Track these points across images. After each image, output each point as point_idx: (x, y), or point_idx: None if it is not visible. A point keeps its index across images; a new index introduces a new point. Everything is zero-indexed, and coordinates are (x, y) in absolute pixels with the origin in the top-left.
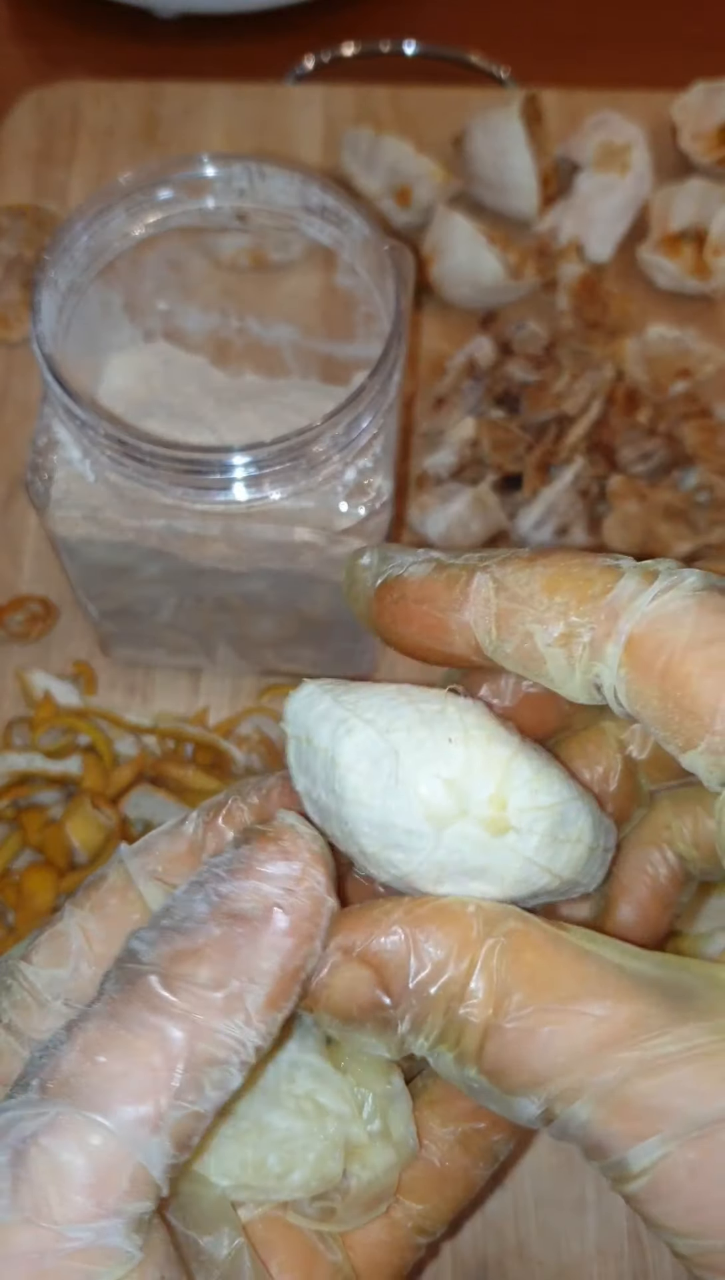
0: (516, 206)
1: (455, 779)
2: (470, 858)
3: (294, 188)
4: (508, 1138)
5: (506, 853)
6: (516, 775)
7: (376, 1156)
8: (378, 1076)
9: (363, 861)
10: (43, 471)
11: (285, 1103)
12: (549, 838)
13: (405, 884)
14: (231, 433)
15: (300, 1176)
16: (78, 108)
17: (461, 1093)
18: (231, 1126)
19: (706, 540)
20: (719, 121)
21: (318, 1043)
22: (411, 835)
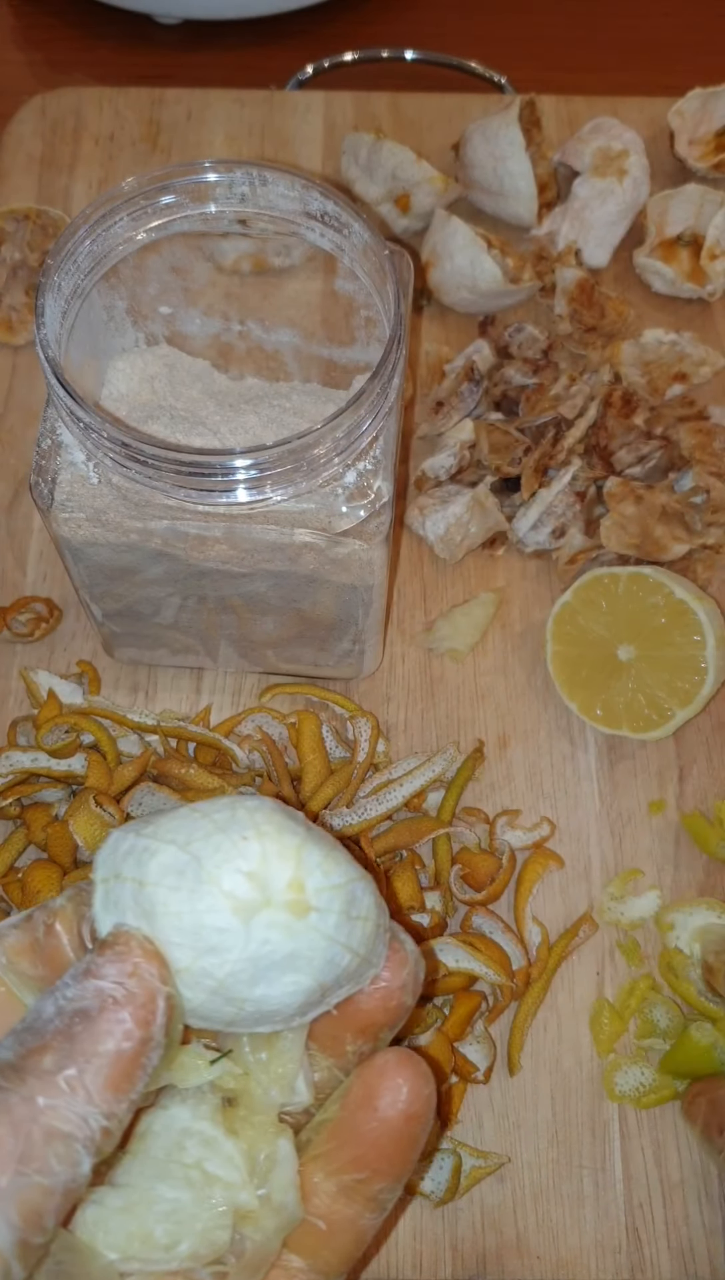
0: (515, 212)
1: (255, 870)
2: (279, 946)
3: (295, 193)
4: (392, 1185)
5: (311, 934)
6: (309, 859)
7: (266, 1219)
8: (267, 1139)
9: (181, 989)
10: (47, 474)
11: (174, 1173)
12: (344, 915)
13: (223, 995)
14: (233, 436)
15: (188, 1247)
16: (81, 113)
17: (347, 1143)
18: (120, 1199)
19: (702, 541)
20: (715, 127)
21: (212, 1110)
22: (222, 934)
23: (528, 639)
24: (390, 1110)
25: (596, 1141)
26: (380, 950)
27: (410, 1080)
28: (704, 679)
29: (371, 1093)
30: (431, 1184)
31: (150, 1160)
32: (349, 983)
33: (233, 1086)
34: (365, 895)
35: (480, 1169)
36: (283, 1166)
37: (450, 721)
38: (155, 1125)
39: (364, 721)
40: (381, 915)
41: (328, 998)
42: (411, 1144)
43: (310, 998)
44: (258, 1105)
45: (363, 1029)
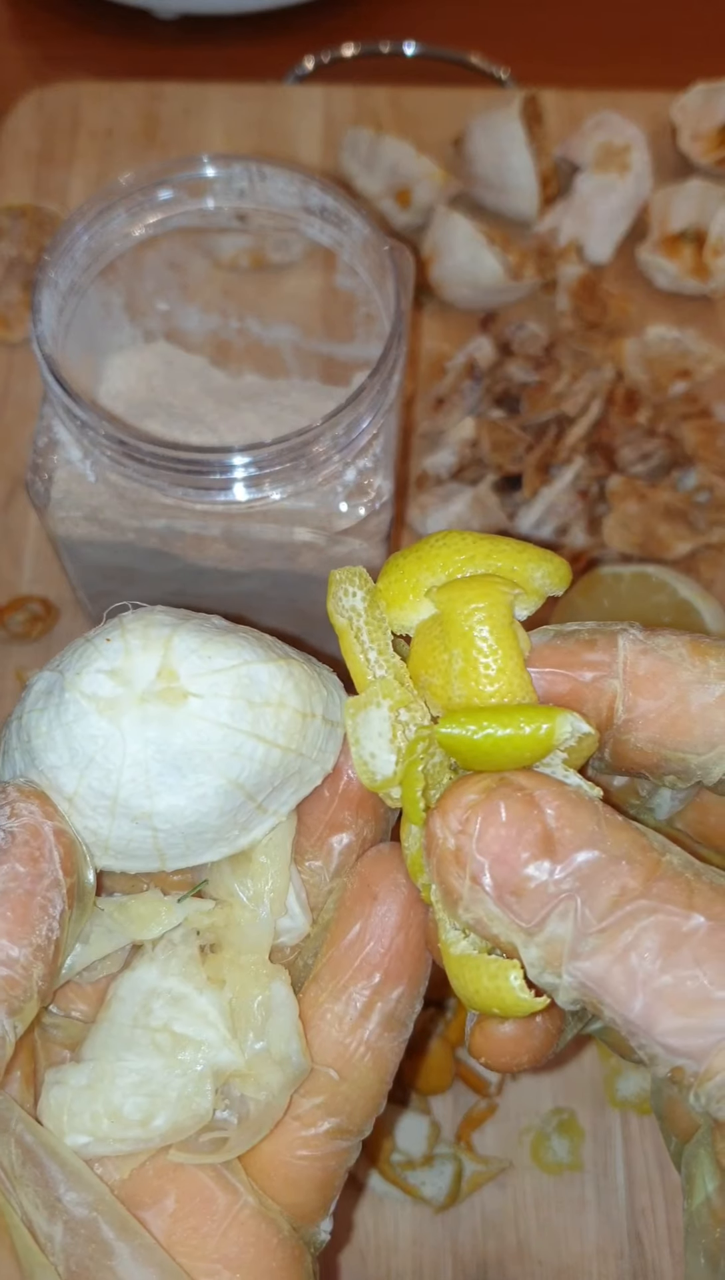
0: (516, 207)
1: (117, 668)
2: (165, 743)
3: (294, 188)
4: (408, 992)
5: (198, 723)
6: (181, 645)
7: (268, 1075)
8: (259, 984)
9: (80, 824)
10: (43, 472)
11: (139, 1040)
12: (241, 700)
13: (127, 815)
14: (232, 433)
15: (165, 1119)
16: (78, 108)
17: (350, 948)
18: (83, 1076)
19: (706, 540)
20: (718, 122)
21: (184, 963)
22: (96, 741)
23: None
24: (392, 895)
25: (598, 1146)
26: (319, 743)
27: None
28: None
29: (368, 883)
30: (432, 1190)
31: (115, 1029)
32: (288, 783)
33: (211, 926)
34: (275, 679)
35: (481, 1174)
36: (280, 1013)
37: None
38: (121, 990)
39: None
40: (313, 704)
41: (263, 801)
42: (422, 933)
43: (230, 800)
44: (245, 943)
45: (359, 803)
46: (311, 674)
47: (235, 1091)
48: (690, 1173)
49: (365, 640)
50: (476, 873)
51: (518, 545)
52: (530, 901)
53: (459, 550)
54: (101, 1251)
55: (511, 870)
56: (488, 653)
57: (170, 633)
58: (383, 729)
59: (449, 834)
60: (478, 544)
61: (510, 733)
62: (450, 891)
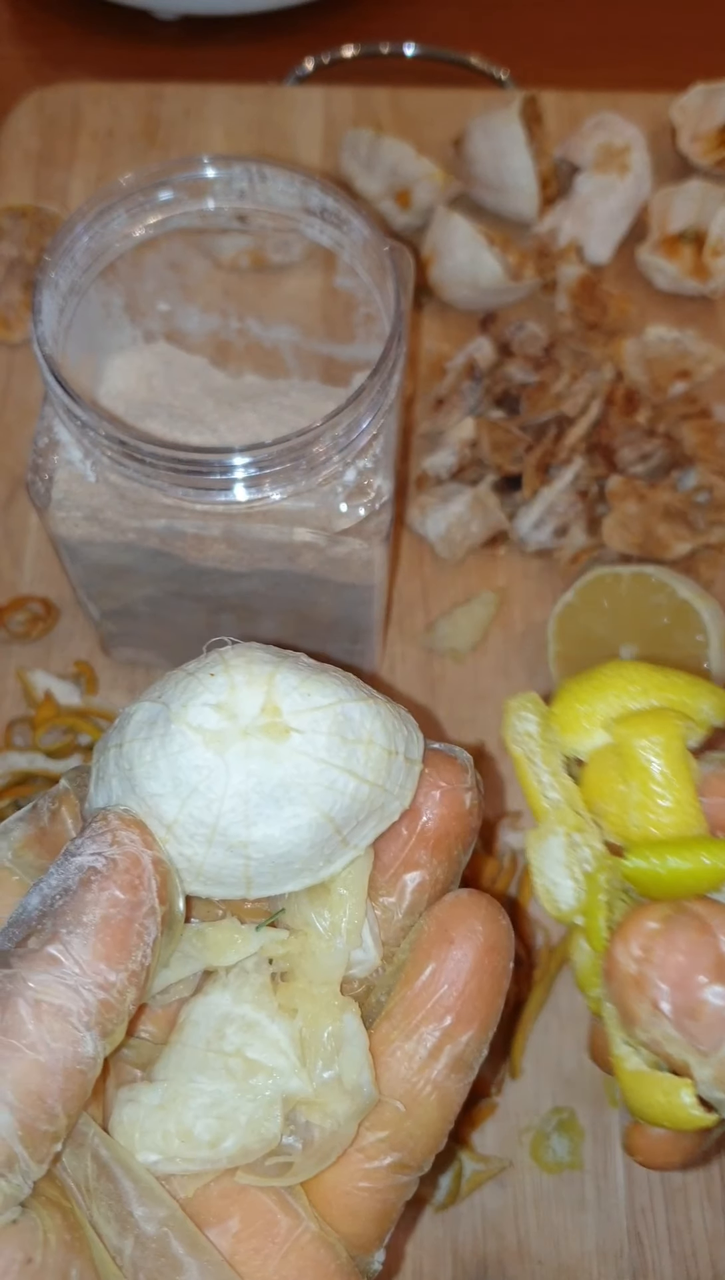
0: (516, 208)
1: (222, 701)
2: (265, 775)
3: (294, 189)
4: (477, 1036)
5: (298, 758)
6: (283, 683)
7: (336, 1104)
8: (330, 1014)
9: (175, 851)
10: (44, 472)
11: (212, 1065)
12: (337, 737)
13: (222, 844)
14: (232, 433)
15: (234, 1142)
16: (78, 109)
17: (423, 989)
18: (156, 1095)
19: (706, 540)
20: (718, 123)
21: (256, 990)
22: (199, 771)
23: (529, 639)
24: (469, 941)
25: (598, 1146)
26: (401, 780)
27: (485, 909)
28: (707, 679)
29: (445, 927)
30: (432, 1189)
31: (188, 1051)
32: (371, 818)
33: (285, 955)
34: (365, 718)
35: (481, 1173)
36: (352, 1044)
37: (451, 722)
38: (195, 1014)
39: None
40: (397, 742)
41: (348, 835)
42: (494, 980)
43: (320, 833)
44: (318, 973)
45: (436, 844)
46: (395, 713)
47: (301, 1118)
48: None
49: (539, 765)
50: (656, 998)
51: (687, 679)
52: (707, 1025)
53: (633, 681)
54: (171, 1266)
55: (689, 995)
56: (664, 785)
57: (272, 670)
58: (561, 856)
59: (630, 960)
60: (651, 676)
61: (691, 866)
62: (629, 1013)
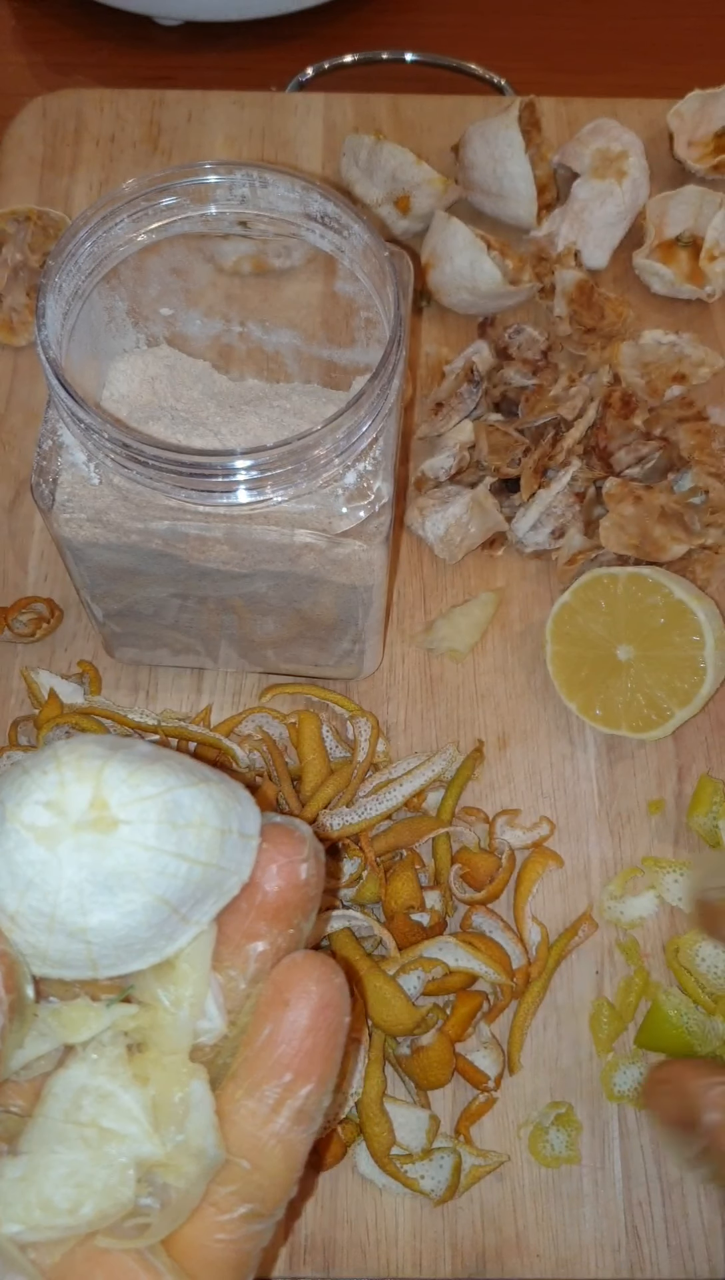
0: (514, 213)
1: (52, 800)
2: (97, 866)
3: (295, 195)
4: (317, 1090)
5: (127, 847)
6: (112, 776)
7: (187, 1165)
8: (179, 1081)
9: (20, 939)
10: (48, 475)
11: (70, 1134)
12: (167, 824)
13: (63, 931)
14: (234, 436)
15: (91, 1208)
16: (81, 115)
17: (263, 1049)
18: (18, 1169)
19: (701, 542)
20: (714, 129)
21: (111, 1062)
22: (34, 866)
23: (527, 639)
24: (302, 1002)
25: (596, 1140)
26: (237, 856)
27: (318, 969)
28: (703, 679)
29: (281, 989)
30: (431, 1182)
31: (49, 1123)
32: (209, 895)
33: (137, 1028)
34: (196, 802)
35: (480, 1168)
36: (198, 1109)
37: (450, 721)
38: (55, 1088)
39: (364, 721)
40: (230, 820)
41: (187, 914)
42: (330, 1037)
43: (156, 915)
44: (167, 1043)
45: (275, 914)
46: (228, 793)
47: (158, 1180)
48: None
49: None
50: None
51: None
52: None
53: None
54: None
55: None
56: None
57: (102, 764)
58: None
59: None
60: None
61: None
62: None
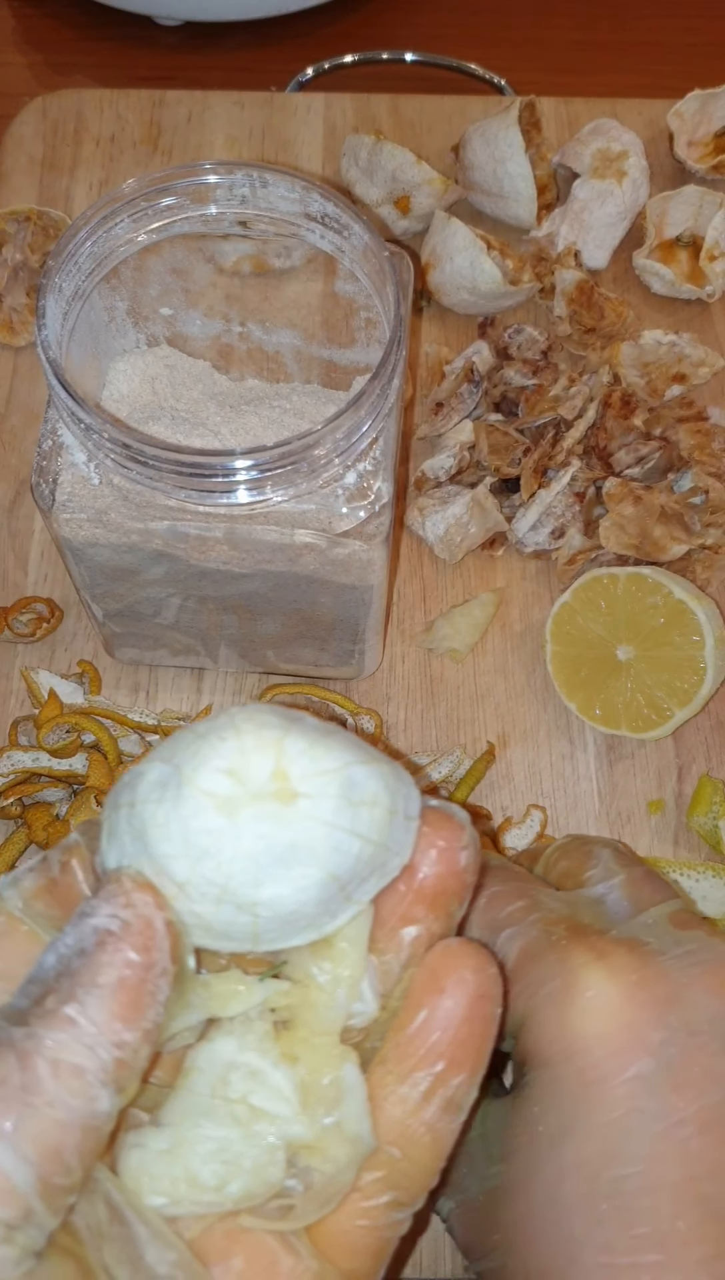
0: (514, 213)
1: (233, 766)
2: (275, 838)
3: (295, 195)
4: (468, 1079)
5: (306, 821)
6: (292, 747)
7: (336, 1149)
8: (330, 1063)
9: (184, 908)
10: (48, 475)
11: (218, 1110)
12: (343, 800)
13: (232, 902)
14: (234, 436)
15: (238, 1186)
16: (81, 114)
17: (416, 1036)
18: (164, 1140)
19: (701, 542)
20: (714, 129)
21: (260, 1038)
22: (210, 834)
23: (527, 639)
24: (459, 989)
25: None
26: (401, 838)
27: (475, 958)
28: (703, 679)
29: (437, 976)
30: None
31: (194, 1097)
32: (373, 875)
33: (287, 1005)
34: (369, 780)
35: None
36: (352, 1094)
37: (450, 721)
38: (200, 1060)
39: (367, 719)
40: (398, 801)
41: (352, 892)
42: (484, 1027)
43: (326, 891)
44: (319, 1023)
45: (433, 900)
46: (396, 774)
47: (301, 1162)
48: None
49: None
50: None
51: None
52: None
53: None
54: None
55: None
56: None
57: (281, 735)
58: None
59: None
60: None
61: None
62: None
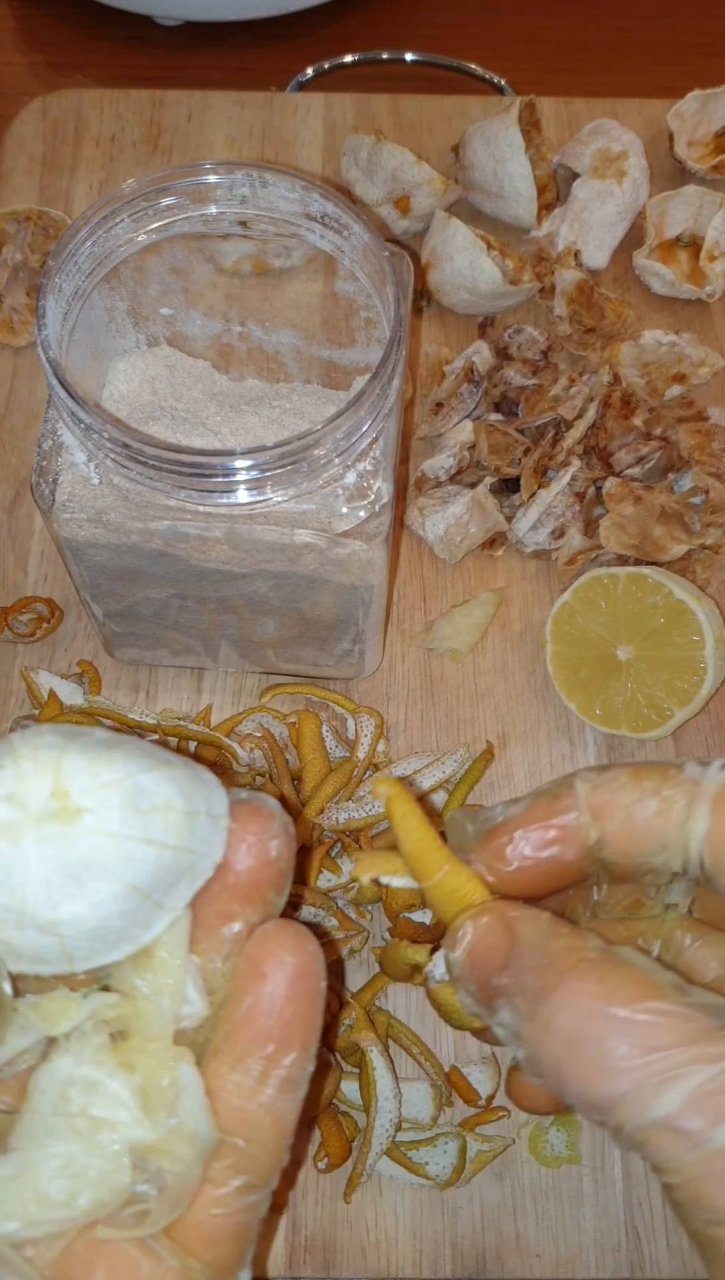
0: (514, 213)
1: (11, 793)
2: (63, 857)
3: (295, 195)
4: (300, 1056)
5: (92, 836)
6: (71, 765)
7: (180, 1148)
8: (166, 1066)
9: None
10: (48, 475)
11: (60, 1127)
12: (130, 809)
13: (34, 925)
14: (234, 436)
15: (88, 1198)
16: (82, 115)
17: (243, 1022)
18: (11, 1166)
19: (701, 542)
20: (714, 129)
21: (95, 1051)
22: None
23: (527, 639)
24: (279, 972)
25: (596, 1140)
26: (207, 838)
27: (292, 938)
28: (703, 679)
29: (256, 962)
30: (437, 1168)
31: (38, 1118)
32: (181, 879)
33: (118, 1016)
34: (159, 785)
35: (486, 1153)
36: (188, 1092)
37: (450, 721)
38: (41, 1081)
39: (367, 718)
40: (196, 802)
41: (160, 899)
42: (309, 1003)
43: (128, 903)
44: (150, 1030)
45: (248, 894)
46: (192, 775)
47: (152, 1165)
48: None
49: None
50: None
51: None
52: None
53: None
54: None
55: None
56: None
57: (59, 753)
58: None
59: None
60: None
61: None
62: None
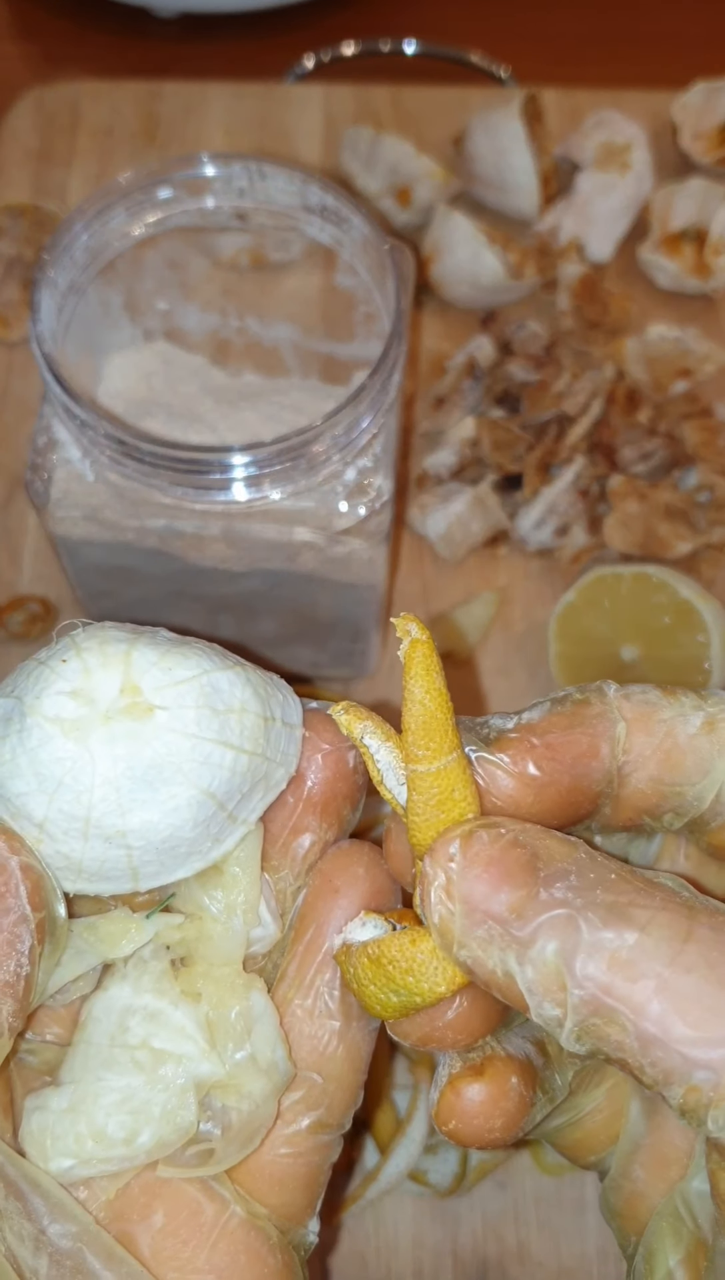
0: (517, 206)
1: (78, 688)
2: (135, 758)
3: (294, 187)
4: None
5: (167, 735)
6: (141, 659)
7: (252, 1084)
8: (236, 995)
9: (51, 851)
10: (42, 471)
11: (119, 1059)
12: (206, 709)
13: (100, 836)
14: (231, 432)
15: (149, 1136)
16: (77, 107)
17: (321, 961)
18: (64, 1099)
19: (707, 540)
20: (719, 121)
21: (156, 978)
22: (63, 764)
23: (530, 639)
24: (352, 888)
25: None
26: (282, 747)
27: (368, 856)
28: (708, 679)
29: (329, 877)
30: (438, 1175)
31: (93, 1049)
32: (256, 789)
33: (182, 940)
34: (234, 686)
35: (487, 1163)
36: (262, 1022)
37: None
38: (96, 1010)
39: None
40: (271, 708)
41: (234, 810)
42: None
43: (203, 811)
44: (217, 955)
45: (323, 807)
46: (266, 679)
47: (216, 1103)
48: (650, 1250)
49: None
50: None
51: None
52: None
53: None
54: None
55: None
56: None
57: (127, 648)
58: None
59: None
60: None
61: None
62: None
